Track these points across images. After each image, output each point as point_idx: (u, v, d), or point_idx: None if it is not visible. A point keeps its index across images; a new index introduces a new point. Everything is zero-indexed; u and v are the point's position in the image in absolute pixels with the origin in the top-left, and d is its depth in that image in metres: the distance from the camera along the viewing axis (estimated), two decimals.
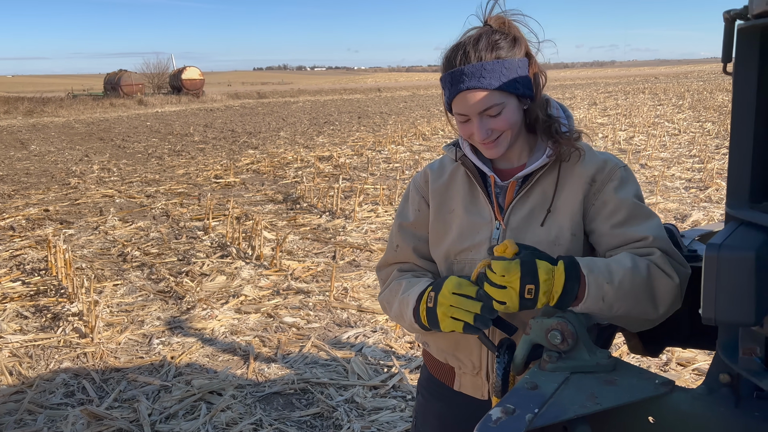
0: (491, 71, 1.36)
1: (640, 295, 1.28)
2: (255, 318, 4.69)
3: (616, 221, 1.39)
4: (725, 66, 1.18)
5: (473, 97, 1.37)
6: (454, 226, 1.51)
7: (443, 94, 1.45)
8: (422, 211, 1.58)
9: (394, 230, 1.62)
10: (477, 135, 1.40)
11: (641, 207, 1.41)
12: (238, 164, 12.43)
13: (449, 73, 1.39)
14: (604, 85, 44.61)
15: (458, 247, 1.49)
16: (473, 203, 1.51)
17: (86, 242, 7.02)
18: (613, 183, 1.42)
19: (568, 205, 1.43)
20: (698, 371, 3.61)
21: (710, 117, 17.73)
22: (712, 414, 1.07)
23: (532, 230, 1.44)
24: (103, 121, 25.70)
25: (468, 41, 1.39)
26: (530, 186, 1.45)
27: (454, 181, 1.55)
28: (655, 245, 1.35)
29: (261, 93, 47.44)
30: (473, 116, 1.39)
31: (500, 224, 1.46)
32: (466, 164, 1.51)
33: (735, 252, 0.88)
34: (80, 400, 3.60)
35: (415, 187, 1.61)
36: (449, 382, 1.62)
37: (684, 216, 7.10)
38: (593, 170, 1.43)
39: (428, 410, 1.70)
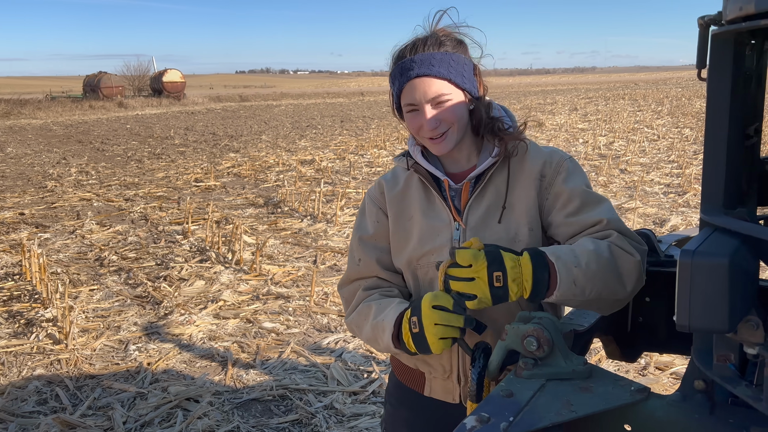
0: (440, 61, 1.41)
1: (607, 274, 1.30)
2: (234, 323, 4.64)
3: (570, 210, 1.43)
4: (699, 72, 1.18)
5: (422, 83, 1.41)
6: (414, 231, 1.52)
7: (391, 92, 1.49)
8: (381, 222, 1.58)
9: (354, 245, 1.60)
10: (426, 124, 1.42)
11: (592, 194, 1.45)
12: (219, 168, 12.33)
13: (399, 64, 1.44)
14: (584, 90, 45.09)
15: (420, 251, 1.50)
16: (430, 208, 1.52)
17: (62, 246, 6.90)
18: (562, 175, 1.47)
19: (522, 201, 1.47)
20: (676, 375, 3.64)
21: (688, 123, 17.99)
22: (687, 421, 1.06)
23: (490, 228, 1.47)
24: (81, 124, 25.37)
25: (424, 39, 1.45)
26: (483, 185, 1.48)
27: (410, 189, 1.56)
28: (611, 227, 1.39)
29: (243, 96, 47.20)
30: (422, 104, 1.42)
31: (459, 225, 1.48)
32: (418, 171, 1.53)
33: (709, 258, 0.87)
34: (53, 408, 3.52)
35: (371, 200, 1.60)
36: (419, 388, 1.61)
37: (663, 221, 7.17)
38: (541, 165, 1.47)
39: (397, 419, 1.68)
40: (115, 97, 38.73)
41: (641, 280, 1.37)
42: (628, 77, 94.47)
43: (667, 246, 2.07)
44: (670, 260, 1.89)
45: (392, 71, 1.45)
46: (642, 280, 1.38)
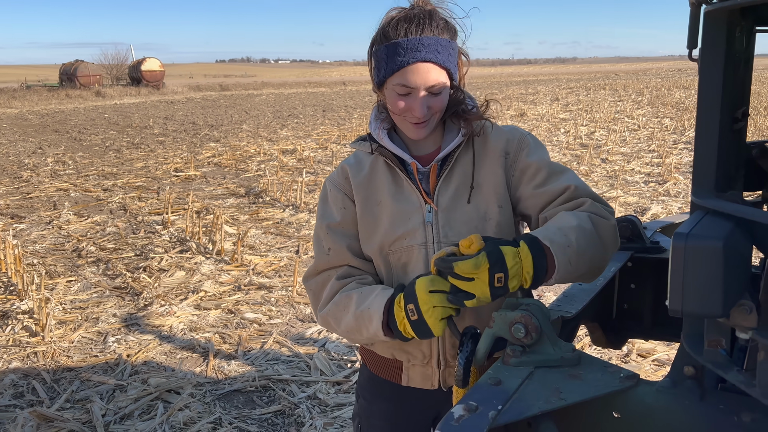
0: (445, 49, 1.38)
1: (593, 246, 1.31)
2: (215, 314, 4.58)
3: (537, 182, 1.45)
4: (690, 53, 1.16)
5: (428, 70, 1.37)
6: (384, 216, 1.49)
7: (377, 66, 1.41)
8: (348, 208, 1.52)
9: (322, 234, 1.53)
10: (418, 110, 1.39)
11: (556, 164, 1.48)
12: (199, 157, 12.18)
13: (404, 40, 1.36)
14: (566, 81, 45.29)
15: (392, 236, 1.47)
16: (399, 191, 1.49)
17: (38, 237, 6.77)
18: (525, 151, 1.49)
19: (489, 180, 1.47)
20: (658, 362, 3.66)
21: (668, 113, 18.15)
22: (677, 407, 1.05)
23: (461, 209, 1.47)
24: (58, 113, 24.91)
25: (416, 15, 1.37)
26: (451, 166, 1.48)
27: (376, 173, 1.52)
28: (580, 193, 1.40)
29: (223, 85, 46.71)
30: (420, 90, 1.38)
31: (431, 207, 1.47)
32: (384, 154, 1.49)
33: (702, 241, 0.85)
34: (30, 402, 3.44)
35: (335, 186, 1.55)
36: (396, 379, 1.57)
37: (644, 209, 7.22)
38: (504, 143, 1.49)
39: (373, 412, 1.64)
40: (93, 86, 38.11)
41: (618, 242, 1.42)
42: (608, 68, 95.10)
43: (652, 233, 2.07)
44: (656, 246, 1.89)
45: (389, 44, 1.37)
46: (618, 242, 1.43)
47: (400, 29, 1.36)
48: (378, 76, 1.42)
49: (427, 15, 1.38)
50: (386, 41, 1.38)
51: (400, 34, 1.36)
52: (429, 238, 1.46)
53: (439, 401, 1.53)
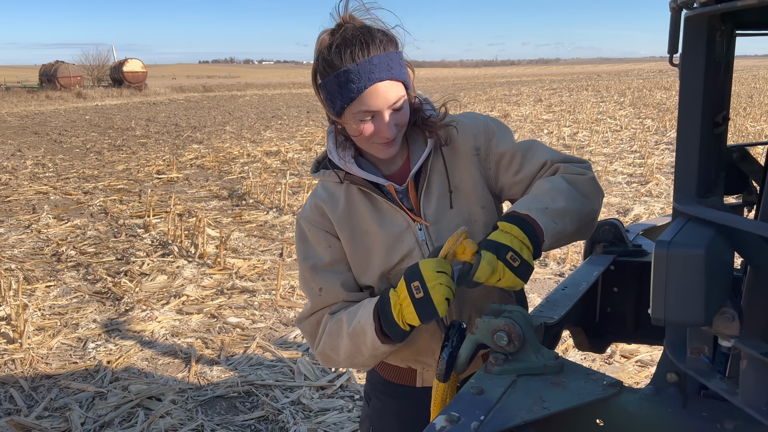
0: (395, 62, 1.35)
1: (573, 201, 1.34)
2: (197, 319, 4.53)
3: (515, 168, 1.46)
4: (671, 58, 1.15)
5: (387, 88, 1.33)
6: (376, 246, 1.45)
7: (330, 97, 1.35)
8: (333, 246, 1.47)
9: (309, 276, 1.47)
10: (387, 132, 1.35)
11: (523, 143, 1.49)
12: (182, 159, 12.07)
13: (354, 66, 1.30)
14: (549, 82, 45.59)
15: (390, 263, 1.44)
16: (382, 216, 1.46)
17: (17, 241, 6.66)
18: (493, 141, 1.48)
19: (466, 181, 1.47)
20: (641, 363, 3.68)
21: (650, 114, 18.33)
22: (660, 415, 1.04)
23: (446, 217, 1.45)
24: (38, 115, 24.57)
25: (357, 35, 1.32)
26: (427, 177, 1.46)
27: (353, 203, 1.47)
28: (554, 162, 1.44)
29: (207, 86, 46.41)
30: (384, 111, 1.34)
31: (421, 224, 1.45)
32: (355, 181, 1.45)
33: (684, 249, 0.84)
34: (7, 410, 3.38)
35: (313, 225, 1.48)
36: (411, 382, 1.59)
37: (626, 210, 7.28)
38: (472, 140, 1.48)
39: (386, 412, 1.65)
40: (74, 88, 37.65)
41: (602, 192, 1.46)
42: (591, 69, 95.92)
43: (635, 236, 2.07)
44: (638, 250, 1.89)
45: (338, 74, 1.32)
46: (603, 192, 1.47)
47: (345, 55, 1.31)
48: (334, 108, 1.36)
49: (366, 33, 1.33)
50: (333, 71, 1.32)
51: (347, 60, 1.30)
52: (426, 256, 1.44)
53: None
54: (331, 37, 1.35)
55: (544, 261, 5.54)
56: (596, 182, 1.43)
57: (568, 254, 5.54)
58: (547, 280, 5.15)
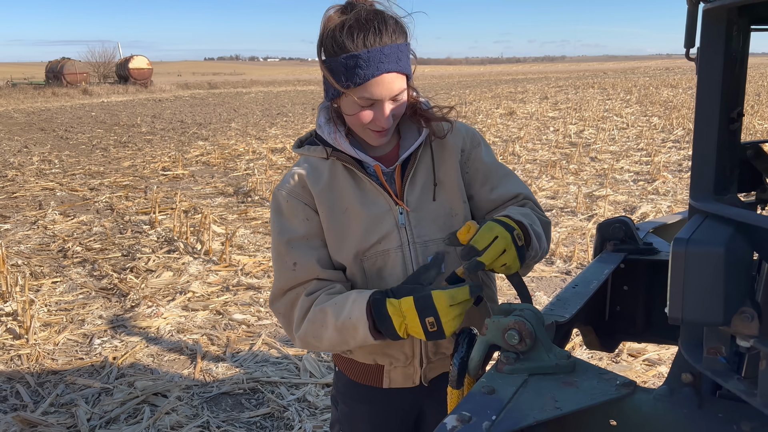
0: (404, 54, 1.36)
1: (542, 233, 1.45)
2: (203, 315, 4.53)
3: (491, 186, 1.54)
4: (687, 52, 1.13)
5: (392, 80, 1.34)
6: (354, 224, 1.45)
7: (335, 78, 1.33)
8: (311, 219, 1.45)
9: (283, 250, 1.44)
10: (384, 121, 1.37)
11: (502, 166, 1.58)
12: (187, 156, 12.08)
13: (365, 52, 1.29)
14: (555, 79, 45.43)
15: (367, 243, 1.45)
16: (365, 196, 1.46)
17: (23, 237, 6.67)
18: (479, 149, 1.55)
19: (450, 176, 1.51)
20: (648, 361, 3.66)
21: (656, 111, 18.24)
22: (675, 416, 1.02)
23: (428, 207, 1.49)
24: (44, 111, 24.65)
25: (369, 19, 1.31)
26: (415, 165, 1.48)
27: (336, 179, 1.46)
28: (526, 199, 1.56)
29: (212, 83, 46.46)
30: (384, 101, 1.35)
31: (402, 208, 1.47)
32: (341, 158, 1.45)
33: (703, 247, 0.82)
34: (13, 406, 3.38)
35: (293, 197, 1.46)
36: (377, 383, 1.57)
37: (633, 208, 7.24)
38: (460, 141, 1.53)
39: (355, 417, 1.64)
40: (80, 84, 37.74)
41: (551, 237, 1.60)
42: (597, 66, 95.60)
43: (645, 234, 2.05)
44: (649, 248, 1.87)
45: (347, 57, 1.30)
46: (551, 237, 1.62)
47: (357, 39, 1.29)
48: (337, 88, 1.35)
49: (380, 18, 1.32)
50: (343, 52, 1.30)
51: (359, 44, 1.29)
52: (404, 240, 1.46)
53: (420, 397, 1.59)
54: (342, 14, 1.33)
55: (550, 259, 5.51)
56: (550, 228, 1.55)
57: (575, 252, 5.52)
58: (553, 278, 5.12)
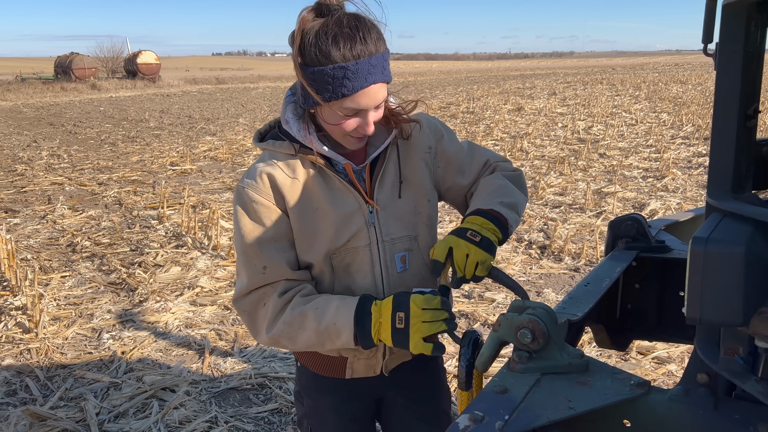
0: (387, 62, 1.35)
1: (517, 195, 1.56)
2: (211, 310, 4.54)
3: (461, 170, 1.61)
4: (705, 47, 1.11)
5: (377, 90, 1.33)
6: (325, 224, 1.45)
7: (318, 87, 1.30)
8: (280, 220, 1.43)
9: (253, 252, 1.42)
10: (369, 129, 1.38)
11: (464, 147, 1.63)
12: (195, 151, 12.10)
13: (353, 64, 1.27)
14: (563, 75, 45.19)
15: (337, 243, 1.46)
16: (334, 195, 1.45)
17: (33, 232, 6.70)
18: (442, 141, 1.59)
19: (415, 174, 1.54)
20: (657, 359, 3.63)
21: (665, 108, 18.12)
22: (690, 417, 1.00)
23: (395, 205, 1.51)
24: (53, 106, 24.75)
25: (353, 27, 1.28)
26: (384, 164, 1.50)
27: (306, 178, 1.44)
28: (493, 162, 1.64)
29: (220, 78, 46.51)
30: (369, 110, 1.36)
31: (372, 207, 1.48)
32: (310, 156, 1.43)
33: (723, 246, 0.81)
34: (22, 400, 3.40)
35: (261, 197, 1.42)
36: (339, 374, 1.62)
37: (642, 205, 7.19)
38: (425, 138, 1.56)
39: (321, 409, 1.69)
40: (88, 79, 37.88)
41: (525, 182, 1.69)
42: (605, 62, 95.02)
43: (657, 231, 2.03)
44: (661, 246, 1.85)
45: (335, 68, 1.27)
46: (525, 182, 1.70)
47: (344, 49, 1.26)
48: (320, 97, 1.31)
49: (363, 26, 1.29)
50: (329, 62, 1.27)
51: (346, 55, 1.26)
52: (372, 239, 1.49)
53: (380, 385, 1.66)
54: (318, 18, 1.30)
55: (558, 256, 5.49)
56: (523, 176, 1.66)
57: (583, 249, 5.49)
58: (561, 275, 5.10)
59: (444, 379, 1.82)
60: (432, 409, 1.74)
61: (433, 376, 1.76)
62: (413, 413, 1.73)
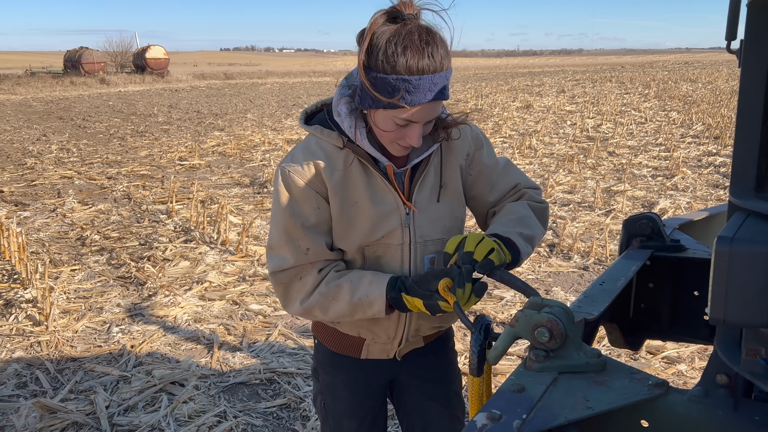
0: (448, 80, 1.38)
1: (536, 228, 1.58)
2: (220, 305, 4.55)
3: (490, 186, 1.64)
4: (729, 44, 1.10)
5: (434, 107, 1.37)
6: (362, 219, 1.50)
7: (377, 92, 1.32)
8: (322, 208, 1.50)
9: (297, 233, 1.48)
10: (415, 141, 1.40)
11: (499, 161, 1.66)
12: (204, 146, 12.13)
13: (416, 79, 1.30)
14: (572, 72, 44.99)
15: (371, 238, 1.52)
16: (375, 192, 1.51)
17: (42, 225, 6.74)
18: (481, 151, 1.62)
19: (453, 180, 1.58)
20: (667, 359, 3.62)
21: (675, 106, 18.01)
22: (710, 418, 0.99)
23: (432, 208, 1.55)
24: (62, 100, 24.86)
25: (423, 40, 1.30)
26: (426, 168, 1.54)
27: (350, 172, 1.49)
28: (523, 187, 1.66)
29: (228, 74, 46.59)
30: (420, 123, 1.38)
31: (409, 209, 1.53)
32: (356, 152, 1.47)
33: (748, 246, 0.80)
34: (33, 392, 3.42)
35: (306, 183, 1.48)
36: (355, 353, 1.69)
37: (651, 204, 7.16)
38: (466, 145, 1.60)
39: (336, 384, 1.75)
40: (97, 74, 38.02)
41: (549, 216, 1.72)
42: (614, 60, 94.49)
43: (671, 230, 2.01)
44: (676, 245, 1.84)
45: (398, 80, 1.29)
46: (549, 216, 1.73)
47: (411, 62, 1.28)
48: (377, 103, 1.35)
49: (433, 40, 1.31)
50: (393, 72, 1.29)
51: (412, 68, 1.29)
52: (406, 240, 1.54)
53: (393, 368, 1.73)
54: (389, 23, 1.31)
55: (567, 254, 5.47)
56: (548, 210, 1.69)
57: (592, 247, 5.47)
58: (570, 273, 5.08)
59: (455, 361, 1.87)
60: (443, 389, 1.79)
61: (445, 357, 1.81)
62: (425, 393, 1.78)
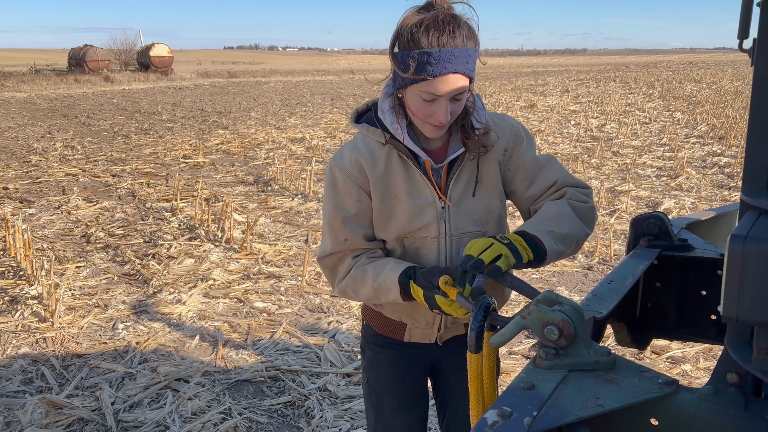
0: (471, 58, 1.45)
1: (576, 227, 1.57)
2: (224, 303, 4.56)
3: (529, 181, 1.65)
4: (741, 43, 1.10)
5: (456, 81, 1.43)
6: (400, 211, 1.60)
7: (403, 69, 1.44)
8: (363, 201, 1.61)
9: (336, 225, 1.62)
10: (442, 116, 1.47)
11: (541, 158, 1.66)
12: (208, 144, 12.15)
13: (437, 51, 1.40)
14: (576, 72, 44.91)
15: (409, 229, 1.61)
16: (413, 186, 1.60)
17: (48, 222, 6.76)
18: (520, 147, 1.65)
19: (490, 175, 1.63)
20: (672, 359, 3.61)
21: (679, 106, 17.97)
22: (720, 416, 1.00)
23: (467, 203, 1.62)
24: (67, 98, 24.91)
25: (446, 21, 1.41)
26: (462, 163, 1.60)
27: (391, 167, 1.59)
28: (564, 184, 1.64)
29: (232, 72, 46.63)
30: (445, 99, 1.45)
31: (445, 203, 1.60)
32: (397, 147, 1.57)
33: (761, 245, 0.80)
34: (39, 388, 3.43)
35: (349, 178, 1.60)
36: (398, 336, 1.78)
37: (656, 204, 7.14)
38: (504, 141, 1.63)
39: (380, 361, 1.84)
40: (101, 71, 38.08)
41: (596, 217, 1.69)
42: (618, 60, 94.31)
43: (678, 230, 2.01)
44: (684, 244, 1.83)
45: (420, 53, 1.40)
46: (596, 217, 1.70)
47: (432, 37, 1.40)
48: (404, 80, 1.46)
49: (455, 22, 1.42)
50: (416, 47, 1.41)
51: (432, 42, 1.40)
52: (442, 232, 1.62)
53: (435, 351, 1.81)
54: (420, 13, 1.43)
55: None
56: (594, 211, 1.66)
57: (597, 247, 5.46)
58: (574, 272, 5.08)
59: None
60: None
61: None
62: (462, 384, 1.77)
